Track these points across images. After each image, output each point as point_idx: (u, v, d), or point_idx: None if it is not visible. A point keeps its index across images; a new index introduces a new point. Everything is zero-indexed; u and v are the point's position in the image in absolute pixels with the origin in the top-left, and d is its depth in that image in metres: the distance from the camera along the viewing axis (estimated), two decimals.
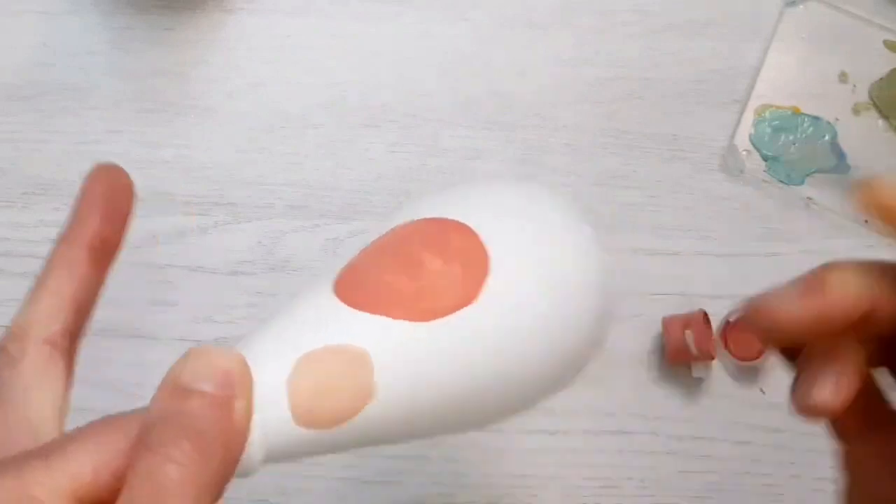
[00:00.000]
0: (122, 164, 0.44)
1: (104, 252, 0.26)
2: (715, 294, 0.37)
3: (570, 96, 0.45)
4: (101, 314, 0.42)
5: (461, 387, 0.21)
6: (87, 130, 0.41)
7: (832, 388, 0.22)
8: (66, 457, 0.18)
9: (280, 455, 0.20)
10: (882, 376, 0.24)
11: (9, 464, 0.18)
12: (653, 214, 0.43)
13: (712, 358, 0.40)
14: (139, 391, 0.41)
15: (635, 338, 0.42)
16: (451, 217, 0.23)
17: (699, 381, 0.41)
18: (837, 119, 0.44)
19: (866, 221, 0.42)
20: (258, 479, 0.38)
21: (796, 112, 0.44)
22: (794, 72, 0.45)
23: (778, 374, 0.40)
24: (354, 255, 0.22)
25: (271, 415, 0.19)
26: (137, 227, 0.43)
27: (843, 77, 0.45)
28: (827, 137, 0.44)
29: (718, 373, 0.41)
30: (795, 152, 0.44)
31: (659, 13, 0.46)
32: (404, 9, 0.47)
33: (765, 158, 0.44)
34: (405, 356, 0.20)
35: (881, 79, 0.44)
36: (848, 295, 0.22)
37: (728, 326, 0.41)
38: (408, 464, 0.40)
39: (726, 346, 0.40)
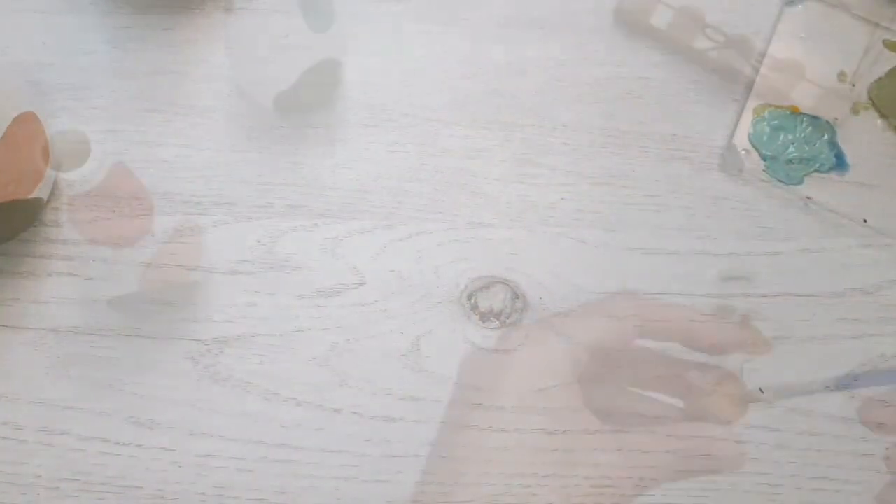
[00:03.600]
0: (121, 163, 0.44)
1: None
2: (714, 293, 0.37)
3: (569, 96, 0.45)
4: (101, 314, 0.42)
5: None
6: (87, 130, 0.41)
7: None
8: None
9: None
10: None
11: None
12: (652, 214, 0.43)
13: None
14: (138, 391, 0.41)
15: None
16: None
17: None
18: (836, 118, 0.44)
19: (865, 221, 0.42)
20: (258, 478, 0.38)
21: (795, 111, 0.44)
22: (794, 71, 0.45)
23: (776, 375, 0.41)
24: None
25: None
26: (137, 227, 0.44)
27: (842, 76, 0.45)
28: (826, 137, 0.44)
29: None
30: (794, 152, 0.44)
31: None
32: (404, 9, 0.47)
33: (764, 158, 0.44)
34: None
35: (880, 78, 0.45)
36: None
37: None
38: (405, 463, 0.40)
39: None
